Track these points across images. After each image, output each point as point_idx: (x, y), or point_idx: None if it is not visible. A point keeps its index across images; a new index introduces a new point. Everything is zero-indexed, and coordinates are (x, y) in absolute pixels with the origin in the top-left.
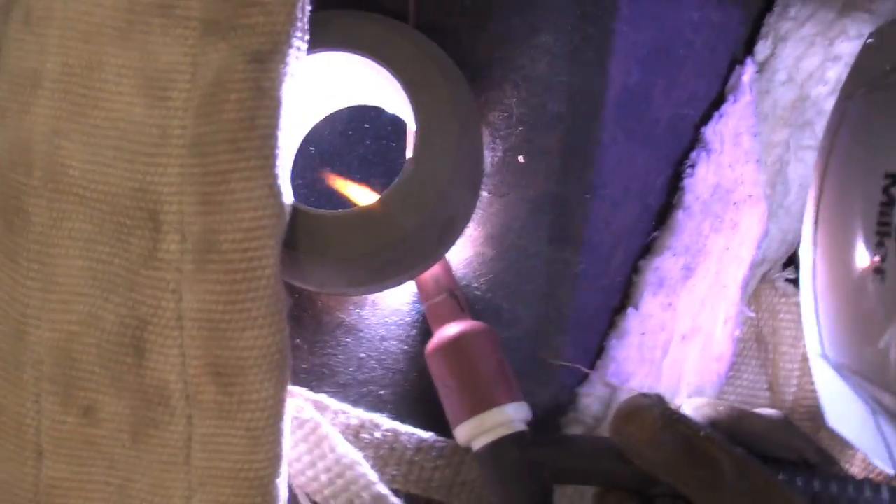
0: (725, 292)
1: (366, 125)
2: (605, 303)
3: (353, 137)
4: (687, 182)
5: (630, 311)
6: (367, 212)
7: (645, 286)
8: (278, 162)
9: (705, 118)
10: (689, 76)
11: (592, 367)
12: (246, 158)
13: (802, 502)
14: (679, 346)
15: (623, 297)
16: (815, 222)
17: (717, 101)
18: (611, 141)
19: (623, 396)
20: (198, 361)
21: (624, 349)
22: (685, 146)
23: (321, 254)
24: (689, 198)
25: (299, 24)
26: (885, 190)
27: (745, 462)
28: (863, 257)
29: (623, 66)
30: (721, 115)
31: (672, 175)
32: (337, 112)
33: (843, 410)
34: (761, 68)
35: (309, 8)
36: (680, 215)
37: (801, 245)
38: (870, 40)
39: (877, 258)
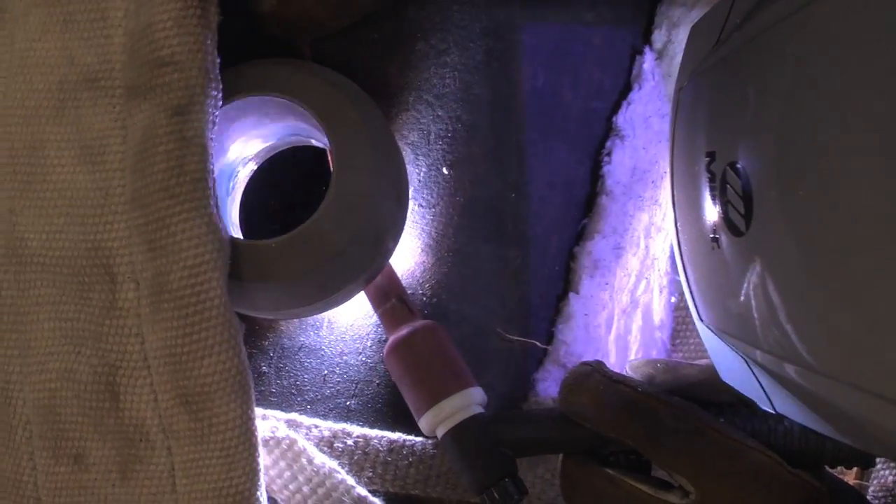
0: (657, 264)
1: (299, 162)
2: (547, 291)
3: (289, 174)
4: (606, 169)
5: (571, 295)
6: (300, 235)
7: (582, 270)
8: (212, 202)
9: (615, 108)
10: (592, 72)
11: (544, 354)
12: (181, 203)
13: (736, 435)
14: (622, 321)
15: (564, 284)
16: (673, 206)
17: (624, 91)
18: (528, 142)
19: None
20: (168, 395)
21: (571, 332)
22: (600, 136)
23: (265, 279)
24: (610, 183)
25: (212, 76)
26: (708, 167)
27: (682, 408)
28: (704, 231)
29: (528, 71)
30: (629, 104)
31: (592, 165)
32: (275, 154)
33: (728, 366)
34: (660, 55)
35: (218, 60)
36: (604, 200)
37: (669, 224)
38: (691, 33)
39: (713, 229)
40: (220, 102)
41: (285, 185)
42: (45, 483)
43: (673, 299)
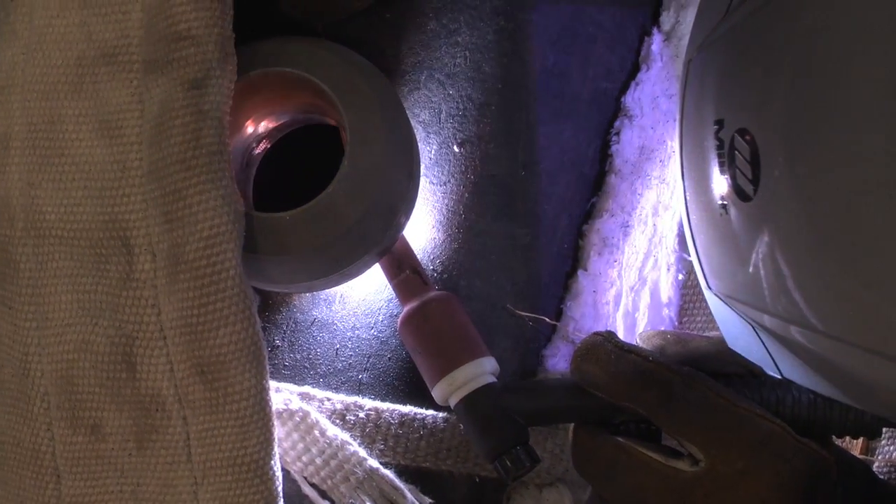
0: (664, 242)
1: (311, 142)
2: (556, 268)
3: (301, 154)
4: (615, 148)
5: (580, 273)
6: (314, 208)
7: (590, 248)
8: (227, 174)
9: (623, 88)
10: (602, 52)
11: (553, 330)
12: (197, 175)
13: (746, 404)
14: (630, 298)
15: (573, 261)
16: (682, 176)
17: (633, 72)
18: (538, 121)
19: None
20: (183, 365)
21: (579, 308)
22: (609, 116)
23: (279, 252)
24: (618, 162)
25: (228, 51)
26: (716, 135)
27: (692, 377)
28: (713, 198)
29: (538, 51)
30: (637, 84)
31: (601, 144)
32: (288, 133)
33: (735, 333)
34: (668, 36)
35: (233, 35)
36: (613, 179)
37: (677, 195)
38: (700, 6)
39: (721, 196)
40: (236, 77)
41: (297, 164)
42: (63, 453)
43: (680, 276)
